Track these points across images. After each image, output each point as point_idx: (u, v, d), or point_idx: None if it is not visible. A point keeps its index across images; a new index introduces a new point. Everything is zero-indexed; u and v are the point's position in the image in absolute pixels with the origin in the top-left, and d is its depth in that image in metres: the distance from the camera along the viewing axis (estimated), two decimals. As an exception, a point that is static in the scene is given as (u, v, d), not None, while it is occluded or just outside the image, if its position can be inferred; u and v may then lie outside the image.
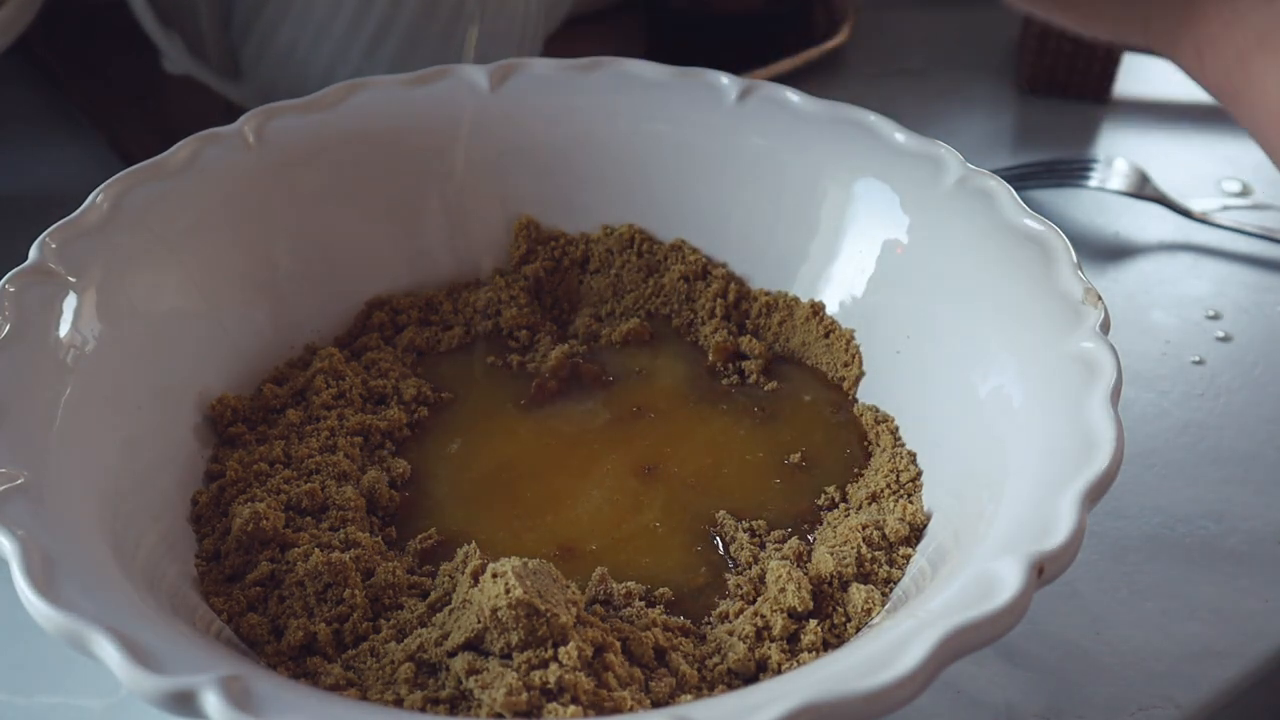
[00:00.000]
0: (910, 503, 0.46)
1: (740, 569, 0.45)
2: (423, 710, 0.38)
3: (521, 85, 0.56)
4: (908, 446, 0.49)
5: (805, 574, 0.43)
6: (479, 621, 0.39)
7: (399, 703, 0.39)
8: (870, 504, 0.47)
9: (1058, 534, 0.37)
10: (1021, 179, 0.70)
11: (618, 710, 0.38)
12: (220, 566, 0.44)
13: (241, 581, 0.44)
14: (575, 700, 0.38)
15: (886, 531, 0.45)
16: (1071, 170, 0.72)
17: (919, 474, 0.48)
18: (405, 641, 0.41)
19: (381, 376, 0.52)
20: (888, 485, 0.47)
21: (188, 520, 0.46)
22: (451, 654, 0.40)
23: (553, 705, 0.37)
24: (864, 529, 0.45)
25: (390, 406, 0.51)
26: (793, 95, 0.55)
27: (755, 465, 0.49)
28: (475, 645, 0.40)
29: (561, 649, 0.39)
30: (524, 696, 0.37)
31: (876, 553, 0.44)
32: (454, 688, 0.39)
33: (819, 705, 0.33)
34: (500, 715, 0.37)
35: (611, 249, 0.56)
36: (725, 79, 0.55)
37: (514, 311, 0.55)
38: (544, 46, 0.71)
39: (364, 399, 0.51)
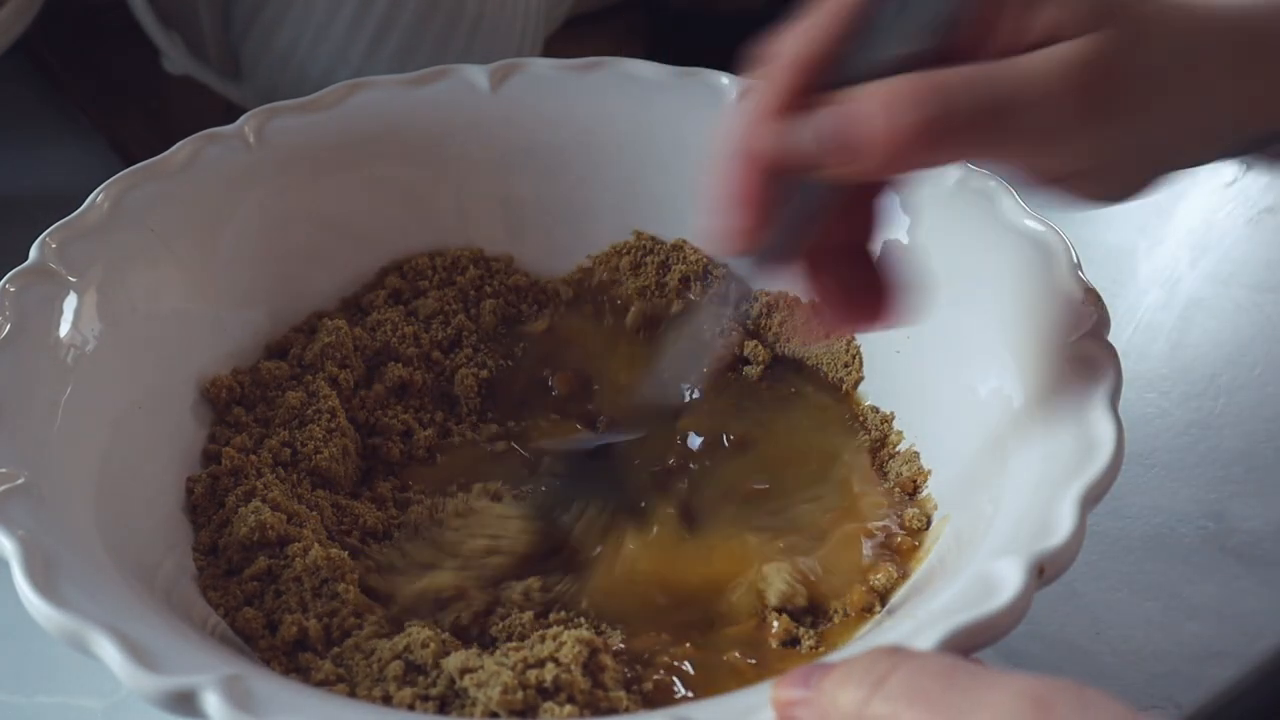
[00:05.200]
0: (911, 503, 0.46)
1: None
2: (411, 708, 0.38)
3: (521, 85, 0.56)
4: (908, 447, 0.49)
5: (805, 575, 0.43)
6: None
7: (387, 699, 0.38)
8: (870, 505, 0.47)
9: (1058, 534, 0.37)
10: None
11: (614, 710, 0.38)
12: (218, 561, 0.44)
13: (239, 576, 0.43)
14: (571, 700, 0.38)
15: (887, 532, 0.45)
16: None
17: (919, 474, 0.48)
18: (395, 639, 0.41)
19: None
20: (888, 485, 0.47)
21: (183, 510, 0.45)
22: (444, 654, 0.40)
23: (549, 704, 0.37)
24: (864, 529, 0.45)
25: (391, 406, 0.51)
26: (793, 95, 0.54)
27: (754, 466, 0.49)
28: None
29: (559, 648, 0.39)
30: (519, 695, 0.37)
31: (877, 553, 0.44)
32: (445, 685, 0.39)
33: (818, 705, 0.33)
34: (496, 714, 0.37)
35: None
36: (725, 79, 0.55)
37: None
38: (544, 46, 0.71)
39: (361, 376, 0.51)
